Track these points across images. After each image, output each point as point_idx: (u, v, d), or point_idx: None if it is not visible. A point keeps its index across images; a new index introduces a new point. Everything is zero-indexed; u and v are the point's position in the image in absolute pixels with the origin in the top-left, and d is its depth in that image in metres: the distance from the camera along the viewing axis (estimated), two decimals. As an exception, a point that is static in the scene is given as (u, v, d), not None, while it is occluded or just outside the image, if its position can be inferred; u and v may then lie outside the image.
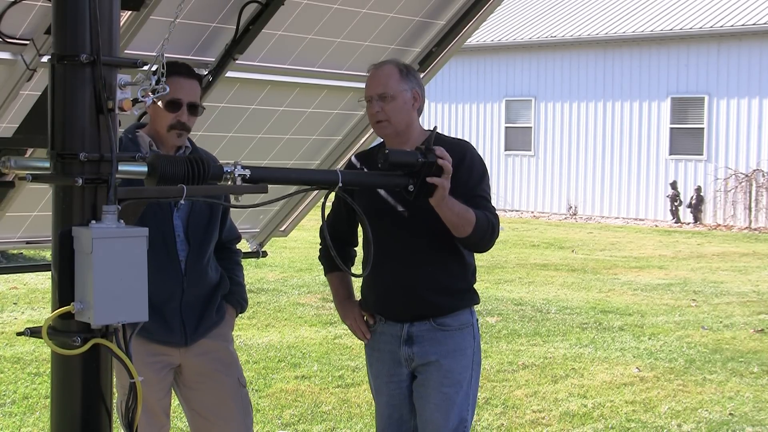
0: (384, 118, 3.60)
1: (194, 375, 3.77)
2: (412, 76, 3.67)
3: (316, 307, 10.30)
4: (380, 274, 3.68)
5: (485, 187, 3.64)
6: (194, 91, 3.64)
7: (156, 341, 3.67)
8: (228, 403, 3.78)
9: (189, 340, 3.72)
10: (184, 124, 3.61)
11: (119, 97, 2.26)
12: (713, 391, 7.15)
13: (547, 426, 6.24)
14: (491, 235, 3.54)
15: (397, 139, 3.63)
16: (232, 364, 3.85)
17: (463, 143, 3.74)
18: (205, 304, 3.77)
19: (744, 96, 21.17)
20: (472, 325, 3.74)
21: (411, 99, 3.63)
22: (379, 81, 3.62)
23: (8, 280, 11.26)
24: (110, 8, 2.24)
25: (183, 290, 3.68)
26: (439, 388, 3.64)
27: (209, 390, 3.78)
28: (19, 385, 6.92)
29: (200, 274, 3.73)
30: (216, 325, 3.81)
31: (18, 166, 2.32)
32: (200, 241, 3.72)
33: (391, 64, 3.70)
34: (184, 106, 3.60)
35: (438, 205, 3.32)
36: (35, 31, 3.35)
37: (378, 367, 3.80)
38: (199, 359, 3.76)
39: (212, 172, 2.43)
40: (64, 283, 2.19)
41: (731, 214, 21.40)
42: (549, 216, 23.55)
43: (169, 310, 3.67)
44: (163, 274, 3.62)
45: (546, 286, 12.22)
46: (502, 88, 24.90)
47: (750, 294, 11.90)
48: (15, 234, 4.18)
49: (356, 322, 3.81)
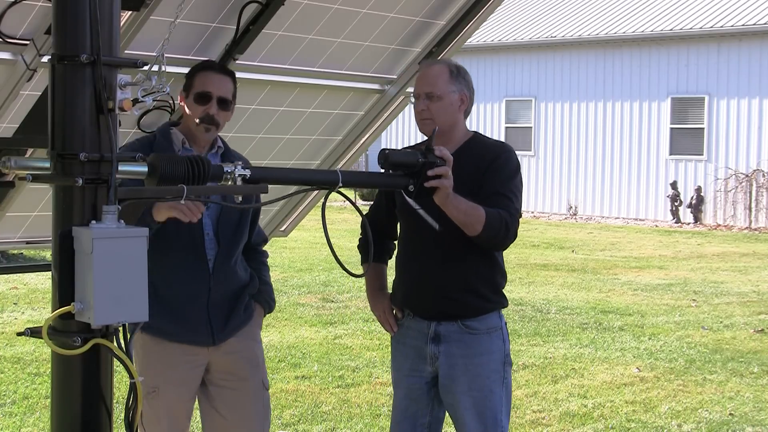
0: (428, 117, 3.62)
1: (220, 373, 3.74)
2: (462, 78, 3.67)
3: (317, 307, 10.30)
4: (410, 271, 3.73)
5: (512, 187, 3.62)
6: (225, 86, 3.62)
7: (184, 342, 3.64)
8: (249, 404, 3.75)
9: (216, 339, 3.68)
10: (213, 118, 3.59)
11: (119, 97, 2.26)
12: (713, 392, 7.15)
13: (547, 426, 6.24)
14: (505, 233, 3.52)
15: (439, 138, 3.64)
16: (259, 365, 3.83)
17: (503, 145, 3.77)
18: (233, 303, 3.73)
19: (744, 96, 21.17)
20: (501, 328, 3.72)
21: (458, 101, 3.65)
22: (428, 80, 3.64)
23: (8, 280, 11.26)
24: (110, 8, 2.24)
25: (210, 289, 3.64)
26: (467, 392, 3.63)
27: (232, 389, 3.75)
28: (20, 385, 6.92)
29: (228, 274, 3.69)
30: (244, 323, 3.78)
31: (18, 166, 2.31)
32: (229, 240, 3.69)
33: (443, 63, 3.72)
34: (214, 100, 3.58)
35: (443, 204, 3.33)
36: (35, 31, 3.35)
37: (401, 360, 3.80)
38: (227, 358, 3.72)
39: (212, 172, 2.42)
40: (64, 283, 2.19)
41: (731, 215, 21.40)
42: (549, 216, 23.55)
43: (195, 310, 3.63)
44: (190, 273, 3.61)
45: (546, 286, 12.22)
46: (502, 88, 24.90)
47: (750, 294, 11.90)
48: (15, 234, 4.18)
49: (385, 314, 3.82)
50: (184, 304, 3.61)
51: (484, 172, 3.59)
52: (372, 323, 9.29)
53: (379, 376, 7.36)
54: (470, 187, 3.50)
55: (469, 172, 3.54)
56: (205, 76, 3.62)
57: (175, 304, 3.60)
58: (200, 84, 3.61)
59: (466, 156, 3.62)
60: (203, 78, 3.62)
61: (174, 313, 3.60)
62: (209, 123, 3.60)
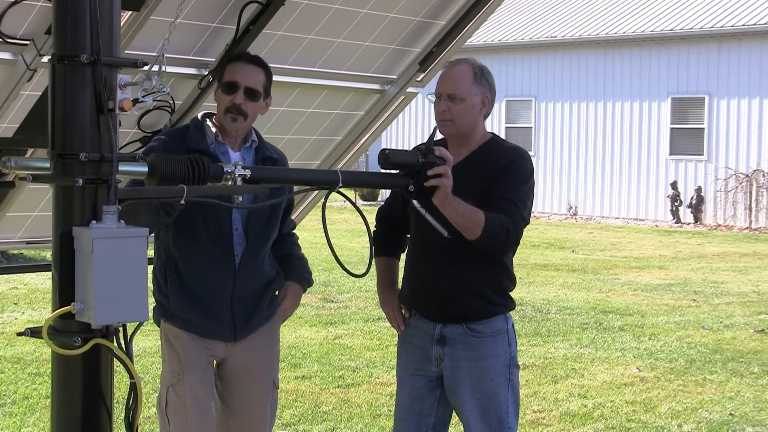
0: (449, 118, 3.58)
1: (235, 369, 3.73)
2: (485, 80, 3.62)
3: (317, 307, 10.30)
4: (417, 271, 3.71)
5: (520, 194, 3.56)
6: (253, 77, 3.58)
7: (205, 335, 3.64)
8: (259, 402, 3.76)
9: (238, 334, 3.67)
10: (239, 108, 3.54)
11: (120, 97, 2.26)
12: (713, 392, 7.15)
13: (548, 426, 6.24)
14: (506, 238, 3.47)
15: (458, 139, 3.62)
16: (272, 363, 3.83)
17: (517, 149, 3.71)
18: (257, 299, 3.71)
19: (744, 96, 21.17)
20: (507, 331, 3.69)
21: (479, 104, 3.60)
22: (452, 80, 3.59)
23: (9, 280, 11.26)
24: (110, 8, 2.24)
25: (235, 285, 3.62)
26: (471, 395, 3.62)
27: (245, 386, 3.74)
28: (20, 385, 6.92)
29: (254, 270, 3.66)
30: (267, 320, 3.77)
31: (18, 166, 2.32)
32: (259, 237, 3.66)
33: (467, 64, 3.64)
34: (241, 89, 3.55)
35: (441, 206, 3.31)
36: (36, 32, 3.35)
37: (406, 359, 3.78)
38: (244, 354, 3.71)
39: (213, 172, 2.43)
40: (65, 283, 2.19)
41: (731, 215, 21.40)
42: (549, 216, 23.54)
43: (219, 304, 3.62)
44: (216, 268, 3.59)
45: (546, 286, 12.22)
46: (502, 88, 24.87)
47: (750, 294, 11.90)
48: (15, 234, 4.18)
49: (393, 311, 3.80)
50: (209, 298, 3.60)
51: (496, 176, 3.56)
52: (372, 323, 9.29)
53: (379, 376, 7.36)
54: (482, 189, 3.48)
55: (483, 175, 3.53)
56: (234, 66, 3.60)
57: (200, 297, 3.60)
58: (229, 74, 3.60)
59: (482, 158, 3.60)
60: (232, 68, 3.60)
61: (199, 306, 3.60)
62: (236, 113, 3.55)
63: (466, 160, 3.58)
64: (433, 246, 3.63)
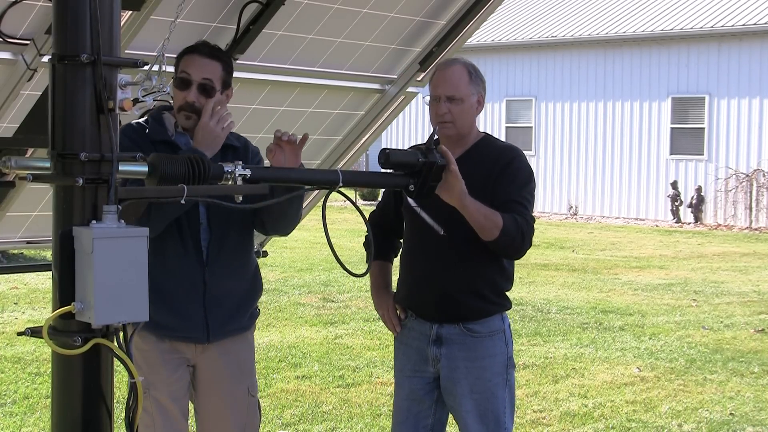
0: (450, 120, 3.58)
1: (206, 379, 3.59)
2: (479, 80, 3.64)
3: (317, 307, 10.30)
4: (413, 271, 3.71)
5: (526, 194, 3.58)
6: (207, 70, 3.37)
7: (174, 338, 3.49)
8: (231, 411, 3.60)
9: (212, 336, 3.52)
10: (192, 106, 3.36)
11: (120, 97, 2.26)
12: (714, 391, 7.15)
13: (548, 426, 6.24)
14: (521, 241, 3.48)
15: (457, 141, 3.62)
16: (246, 370, 3.67)
17: (513, 148, 3.72)
18: (236, 305, 3.58)
19: (744, 96, 21.17)
20: (504, 331, 3.69)
21: (476, 103, 3.62)
22: (450, 82, 3.58)
23: (9, 280, 11.26)
24: (111, 8, 2.24)
25: (205, 281, 3.48)
26: (469, 395, 3.61)
27: (217, 396, 3.60)
28: (20, 385, 6.92)
29: (224, 265, 3.51)
30: (245, 330, 3.65)
31: (18, 166, 2.31)
32: (222, 226, 3.51)
33: (461, 64, 3.64)
34: (194, 86, 3.36)
35: (462, 206, 3.31)
36: (36, 31, 3.35)
37: (403, 361, 3.77)
38: (215, 362, 3.57)
39: (213, 171, 2.42)
40: (65, 283, 2.19)
41: (732, 214, 21.39)
42: (549, 216, 23.54)
43: (191, 302, 3.47)
44: (185, 261, 3.46)
45: (546, 286, 12.22)
46: (503, 88, 24.89)
47: (750, 294, 11.90)
48: (15, 234, 4.18)
49: (389, 313, 3.79)
50: (180, 296, 3.47)
51: (496, 178, 3.56)
52: (372, 323, 9.29)
53: (379, 375, 7.36)
54: (480, 190, 3.47)
55: (479, 175, 3.52)
56: (187, 59, 3.39)
57: (170, 295, 3.45)
58: (182, 67, 3.42)
59: (476, 158, 3.60)
60: (185, 61, 3.42)
61: (169, 305, 3.44)
62: (189, 111, 3.37)
63: (460, 160, 3.58)
64: (429, 245, 3.63)
